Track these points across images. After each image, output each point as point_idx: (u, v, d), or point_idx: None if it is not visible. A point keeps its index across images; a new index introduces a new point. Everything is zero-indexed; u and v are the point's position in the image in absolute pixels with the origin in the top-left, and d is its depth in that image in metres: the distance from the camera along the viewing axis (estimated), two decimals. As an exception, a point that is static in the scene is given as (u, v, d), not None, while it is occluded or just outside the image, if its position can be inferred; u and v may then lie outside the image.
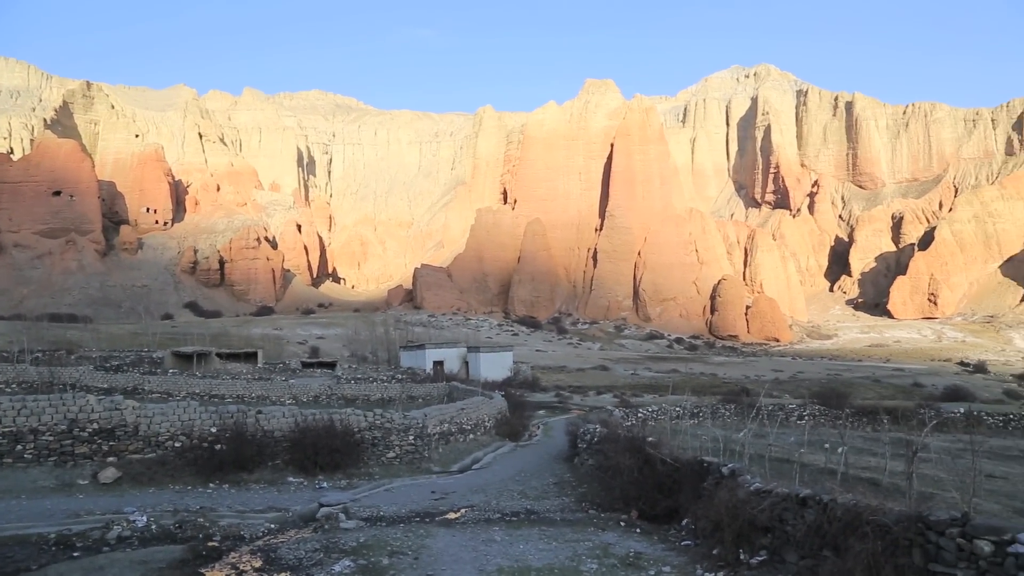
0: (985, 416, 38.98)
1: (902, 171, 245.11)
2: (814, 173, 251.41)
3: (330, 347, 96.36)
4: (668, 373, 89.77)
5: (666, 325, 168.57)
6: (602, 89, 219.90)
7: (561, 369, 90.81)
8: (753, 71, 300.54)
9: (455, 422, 26.81)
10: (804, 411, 38.27)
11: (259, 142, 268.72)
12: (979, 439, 31.03)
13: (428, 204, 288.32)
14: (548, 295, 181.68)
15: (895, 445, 23.79)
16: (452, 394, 41.29)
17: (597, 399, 55.67)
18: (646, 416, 31.18)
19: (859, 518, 8.20)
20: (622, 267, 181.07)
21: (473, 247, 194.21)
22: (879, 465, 18.44)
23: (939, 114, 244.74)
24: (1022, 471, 21.16)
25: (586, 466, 20.51)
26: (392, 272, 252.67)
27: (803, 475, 13.14)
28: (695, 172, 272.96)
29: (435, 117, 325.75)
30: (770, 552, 10.10)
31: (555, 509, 16.12)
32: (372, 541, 12.39)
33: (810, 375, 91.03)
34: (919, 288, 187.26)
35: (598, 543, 12.43)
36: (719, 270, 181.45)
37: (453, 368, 65.09)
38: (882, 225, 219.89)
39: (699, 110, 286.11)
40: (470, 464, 23.93)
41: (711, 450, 15.92)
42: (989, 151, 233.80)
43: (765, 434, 23.30)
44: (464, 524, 14.26)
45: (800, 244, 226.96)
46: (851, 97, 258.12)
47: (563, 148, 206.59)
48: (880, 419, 33.86)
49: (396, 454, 22.32)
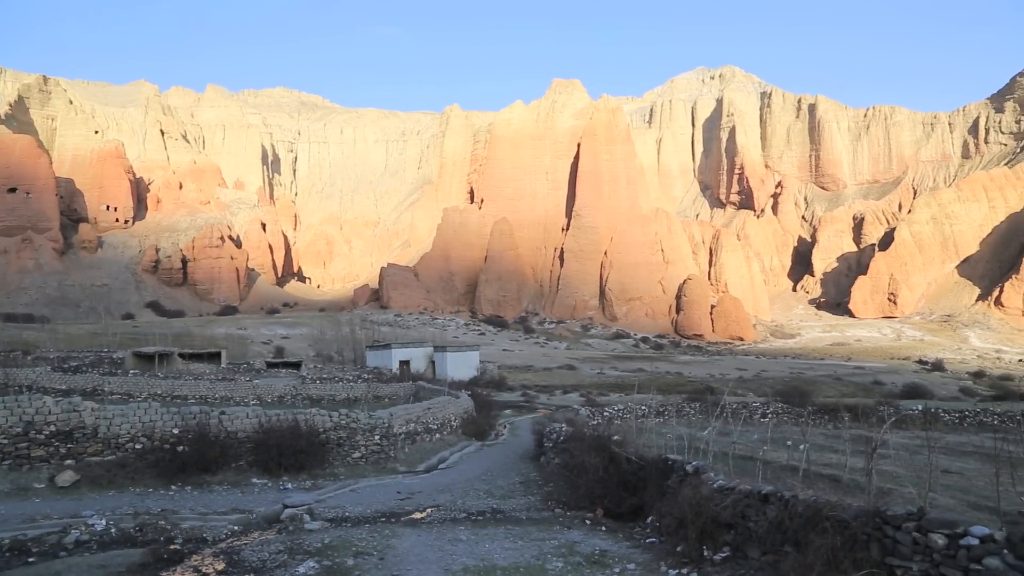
0: (942, 413, 39.86)
1: (863, 173, 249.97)
2: (778, 174, 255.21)
3: (295, 347, 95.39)
4: (634, 372, 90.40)
5: (632, 324, 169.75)
6: (569, 89, 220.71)
7: (528, 368, 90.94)
8: (718, 73, 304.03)
9: (421, 422, 26.71)
10: (767, 409, 38.77)
11: (223, 139, 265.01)
12: (936, 436, 31.77)
13: (395, 203, 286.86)
14: (515, 294, 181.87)
15: (855, 442, 24.25)
16: (418, 394, 41.11)
17: (563, 398, 55.85)
18: (612, 415, 31.36)
19: (819, 514, 8.34)
20: (588, 267, 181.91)
21: (440, 246, 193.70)
22: (840, 462, 18.78)
23: (899, 117, 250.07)
24: (976, 466, 21.65)
25: (552, 465, 20.57)
26: (358, 271, 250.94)
27: (766, 472, 13.33)
28: (661, 172, 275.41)
29: (402, 116, 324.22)
30: (733, 548, 10.22)
31: (521, 508, 16.13)
32: (337, 542, 12.29)
33: (773, 373, 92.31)
34: (879, 288, 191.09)
35: (564, 541, 12.45)
36: (684, 270, 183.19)
37: (419, 368, 64.86)
38: (844, 226, 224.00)
39: (665, 111, 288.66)
40: (436, 464, 23.86)
41: (676, 448, 16.07)
42: (946, 154, 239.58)
43: (729, 432, 23.61)
44: (430, 524, 14.20)
45: (764, 244, 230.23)
46: (814, 100, 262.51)
47: (530, 148, 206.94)
48: (841, 416, 34.49)
49: (362, 454, 22.17)
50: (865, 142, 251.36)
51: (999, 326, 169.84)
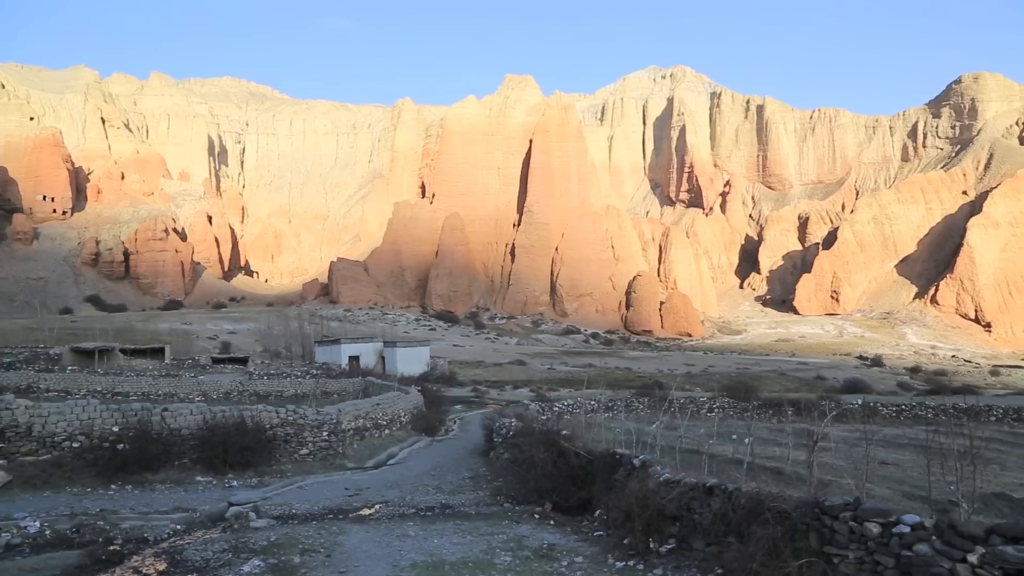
0: (880, 407, 41.13)
1: (808, 173, 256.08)
2: (726, 173, 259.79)
3: (242, 342, 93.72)
4: (584, 367, 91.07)
5: (583, 320, 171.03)
6: (522, 85, 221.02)
7: (478, 364, 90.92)
8: (670, 72, 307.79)
9: (370, 417, 26.52)
10: (714, 404, 39.46)
11: (167, 129, 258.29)
12: (873, 429, 32.73)
13: (345, 197, 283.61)
14: (466, 290, 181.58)
15: (798, 435, 24.83)
16: (368, 389, 40.83)
17: (514, 393, 56.01)
18: (562, 410, 31.55)
19: (761, 505, 8.53)
20: (539, 262, 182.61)
21: (391, 241, 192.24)
22: (783, 455, 19.25)
23: (842, 120, 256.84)
24: (911, 458, 22.39)
25: (501, 460, 20.62)
26: (307, 265, 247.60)
27: (711, 465, 13.57)
28: (612, 170, 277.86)
29: (353, 108, 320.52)
30: (678, 540, 10.39)
31: (470, 503, 16.15)
32: (283, 540, 12.12)
33: (720, 369, 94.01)
34: (823, 285, 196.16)
35: (512, 536, 12.50)
36: (634, 266, 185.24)
37: (369, 363, 64.35)
38: (789, 225, 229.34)
39: (617, 109, 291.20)
40: (385, 460, 23.72)
41: (624, 442, 16.25)
42: (887, 157, 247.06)
43: (676, 426, 23.96)
44: (378, 520, 14.11)
45: (712, 242, 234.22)
46: (762, 101, 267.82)
47: (482, 143, 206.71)
48: (785, 411, 35.28)
49: (309, 451, 21.91)
50: (810, 143, 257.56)
51: (934, 323, 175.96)
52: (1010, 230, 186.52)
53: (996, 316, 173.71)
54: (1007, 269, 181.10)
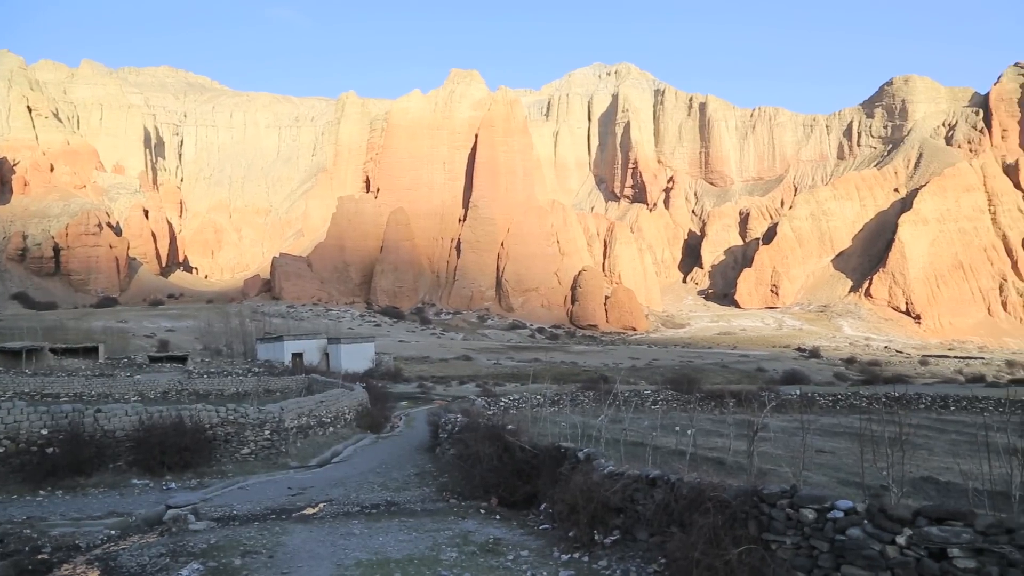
0: (818, 397, 42.29)
1: (749, 170, 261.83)
2: (670, 169, 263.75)
3: (181, 340, 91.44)
4: (530, 362, 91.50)
5: (528, 315, 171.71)
6: (467, 80, 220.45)
7: (424, 359, 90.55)
8: (615, 69, 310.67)
9: (314, 415, 26.14)
10: (658, 396, 39.96)
11: (100, 120, 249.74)
12: (811, 418, 33.65)
13: (287, 191, 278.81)
14: (411, 285, 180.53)
15: (739, 426, 25.35)
16: (311, 387, 40.28)
17: (460, 389, 55.90)
18: (508, 405, 31.57)
19: (702, 495, 8.68)
20: (485, 257, 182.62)
21: (335, 236, 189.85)
22: (725, 445, 19.60)
23: (782, 119, 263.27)
24: (847, 445, 23.02)
25: (447, 456, 20.56)
26: (249, 261, 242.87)
27: (655, 457, 13.75)
28: (557, 165, 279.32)
29: (295, 101, 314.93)
30: (622, 531, 10.50)
31: (416, 500, 16.05)
32: (224, 542, 11.84)
33: (664, 362, 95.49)
34: (763, 280, 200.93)
35: (458, 531, 12.47)
36: (580, 261, 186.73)
37: (313, 360, 63.45)
38: (731, 220, 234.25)
39: (562, 105, 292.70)
40: (329, 458, 23.40)
41: (569, 436, 16.34)
42: (824, 155, 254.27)
43: (621, 419, 24.21)
44: (322, 519, 13.91)
45: (656, 237, 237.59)
46: (704, 99, 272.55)
47: (427, 137, 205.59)
48: (726, 402, 35.96)
49: (251, 450, 21.47)
50: (751, 141, 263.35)
51: (868, 316, 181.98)
52: (938, 226, 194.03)
53: (925, 308, 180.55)
54: (935, 263, 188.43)
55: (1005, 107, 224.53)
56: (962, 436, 26.10)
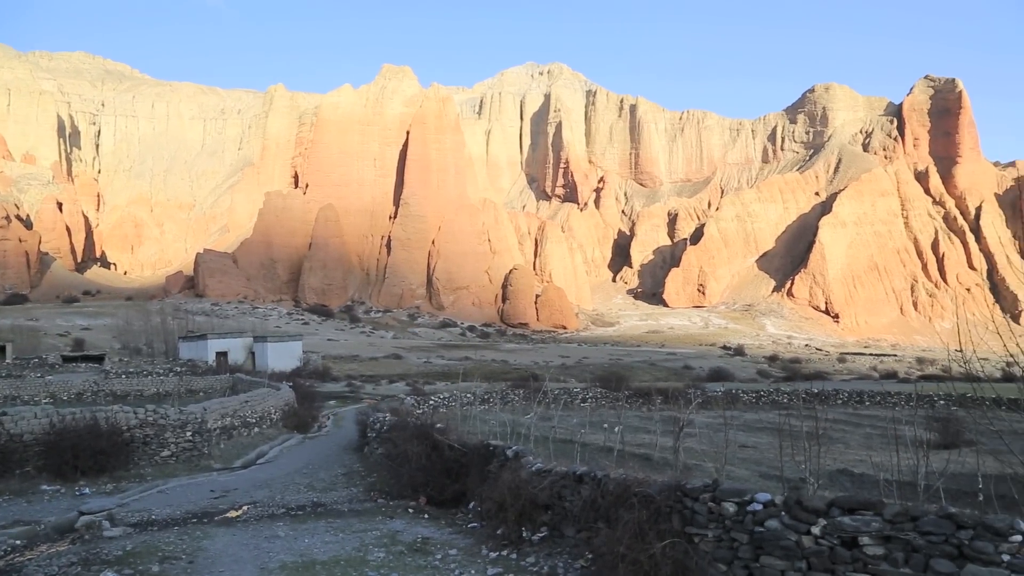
0: (742, 394, 43.61)
1: (677, 172, 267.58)
2: (600, 170, 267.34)
3: (98, 339, 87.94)
4: (461, 360, 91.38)
5: (459, 313, 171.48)
6: (399, 75, 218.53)
7: (353, 358, 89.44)
8: (547, 69, 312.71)
9: (238, 415, 25.52)
10: (587, 394, 40.50)
11: (8, 106, 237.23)
12: (734, 415, 34.66)
13: (212, 185, 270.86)
14: (340, 283, 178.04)
15: (666, 423, 25.90)
16: (236, 386, 39.39)
17: (390, 388, 55.46)
18: (438, 403, 31.50)
19: (628, 491, 8.81)
20: (416, 255, 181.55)
21: (261, 232, 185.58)
22: (652, 441, 19.99)
23: (709, 122, 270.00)
24: (769, 440, 23.81)
25: (376, 455, 20.36)
26: (171, 257, 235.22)
27: (584, 454, 13.90)
28: (489, 164, 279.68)
29: (221, 93, 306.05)
30: (550, 528, 10.58)
31: (343, 500, 15.83)
32: (141, 548, 11.42)
33: (594, 360, 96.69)
34: (690, 279, 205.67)
35: (386, 531, 12.37)
36: (511, 260, 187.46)
37: (238, 359, 61.97)
38: (659, 221, 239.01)
39: (495, 103, 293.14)
40: (254, 459, 22.90)
41: (499, 434, 16.38)
42: (749, 158, 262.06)
43: (551, 417, 24.42)
44: (246, 522, 13.58)
45: (587, 236, 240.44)
46: (635, 101, 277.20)
47: (358, 133, 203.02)
48: (654, 399, 36.70)
49: (172, 452, 20.80)
50: (680, 143, 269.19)
51: (790, 315, 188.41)
52: (855, 229, 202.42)
53: (843, 308, 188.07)
54: (852, 265, 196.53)
55: (917, 117, 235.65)
56: (876, 430, 27.28)
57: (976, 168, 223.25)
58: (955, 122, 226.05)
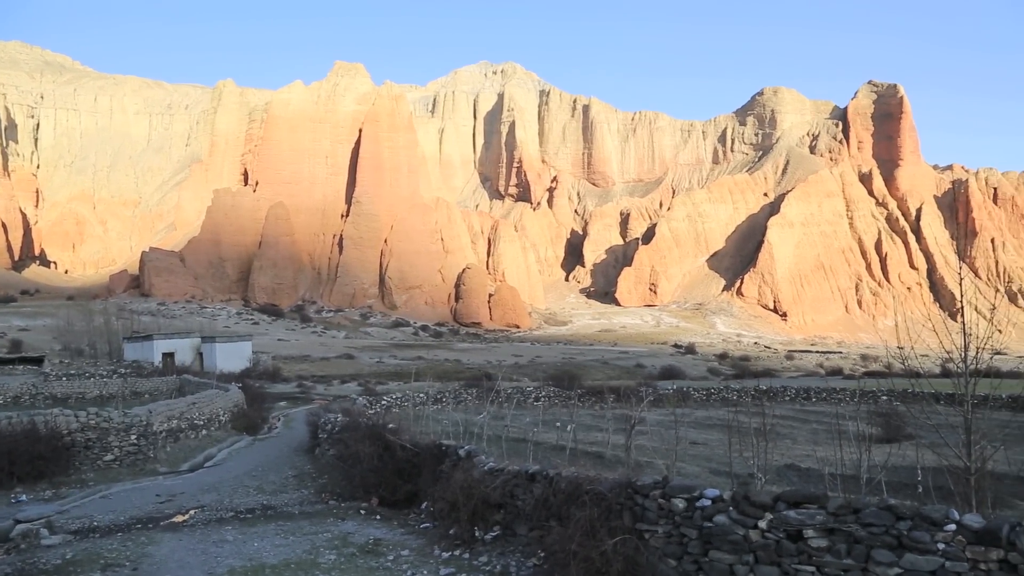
0: (692, 391, 44.23)
1: (630, 172, 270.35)
2: (553, 169, 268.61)
3: (37, 340, 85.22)
4: (413, 360, 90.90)
5: (412, 312, 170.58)
6: (352, 73, 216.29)
7: (304, 358, 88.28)
8: (501, 68, 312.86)
9: (185, 418, 24.99)
10: (540, 393, 40.62)
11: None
12: (686, 412, 35.16)
13: (159, 182, 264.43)
14: (291, 282, 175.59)
15: (618, 421, 26.13)
16: (183, 388, 38.60)
17: (341, 388, 54.90)
18: (390, 403, 31.29)
19: (580, 488, 8.88)
20: (368, 254, 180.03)
21: (210, 230, 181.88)
22: (604, 440, 20.18)
23: (661, 123, 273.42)
24: (719, 437, 24.19)
25: (327, 456, 20.13)
26: (115, 256, 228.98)
27: (536, 453, 13.96)
28: (442, 162, 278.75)
29: (168, 87, 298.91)
30: (503, 527, 10.60)
31: (294, 502, 15.62)
32: (82, 556, 11.10)
33: (547, 359, 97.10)
34: (642, 278, 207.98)
35: (337, 533, 12.26)
36: (464, 259, 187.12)
37: (186, 360, 60.68)
38: (612, 220, 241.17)
39: (448, 102, 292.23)
40: (202, 462, 22.43)
41: (451, 434, 16.35)
42: (700, 159, 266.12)
43: (503, 416, 24.44)
44: (193, 526, 13.30)
45: (540, 236, 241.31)
46: (588, 101, 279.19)
47: (309, 130, 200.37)
48: (606, 398, 36.98)
49: (115, 456, 20.25)
50: (632, 144, 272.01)
51: (740, 313, 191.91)
52: (802, 229, 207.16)
53: (791, 306, 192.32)
54: (799, 264, 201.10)
55: (861, 121, 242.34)
56: (822, 425, 27.97)
57: (917, 171, 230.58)
58: (897, 126, 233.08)
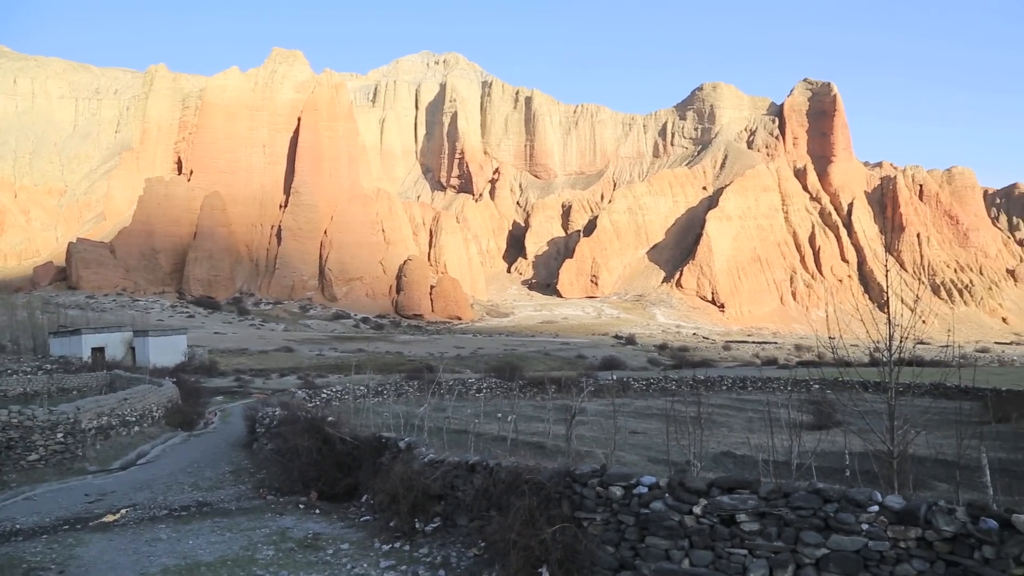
0: (633, 382, 44.92)
1: (571, 164, 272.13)
2: (496, 161, 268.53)
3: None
4: (354, 352, 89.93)
5: (353, 305, 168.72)
6: (290, 60, 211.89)
7: (242, 352, 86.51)
8: (443, 58, 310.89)
9: (116, 414, 24.23)
10: (482, 384, 40.74)
11: None
12: (625, 402, 35.68)
13: (86, 170, 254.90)
14: (228, 274, 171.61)
15: (559, 411, 26.39)
16: (114, 383, 37.44)
17: (281, 381, 54.09)
18: (330, 396, 30.97)
19: (519, 478, 8.95)
20: (308, 245, 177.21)
21: (142, 220, 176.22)
22: (545, 430, 20.34)
23: (603, 116, 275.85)
24: (658, 426, 24.60)
25: (265, 451, 19.79)
26: (39, 247, 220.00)
27: (478, 444, 13.99)
28: (383, 153, 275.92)
29: (95, 71, 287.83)
30: (443, 518, 10.61)
31: (230, 498, 15.33)
32: (2, 560, 10.67)
33: (489, 351, 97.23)
34: (583, 270, 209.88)
35: (275, 528, 12.09)
36: (405, 250, 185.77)
37: (117, 355, 58.88)
38: (554, 212, 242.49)
39: (389, 91, 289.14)
40: (135, 459, 21.82)
41: (392, 426, 16.25)
42: (641, 152, 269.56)
43: (445, 408, 24.43)
44: (124, 526, 12.92)
45: (482, 227, 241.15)
46: (530, 93, 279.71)
47: (246, 118, 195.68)
48: (548, 388, 37.27)
49: (40, 456, 19.51)
50: (574, 136, 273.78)
51: (679, 304, 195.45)
52: (740, 222, 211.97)
53: (729, 297, 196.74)
54: (737, 257, 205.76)
55: (796, 117, 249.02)
56: (757, 413, 28.72)
57: (848, 167, 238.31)
58: (830, 123, 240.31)
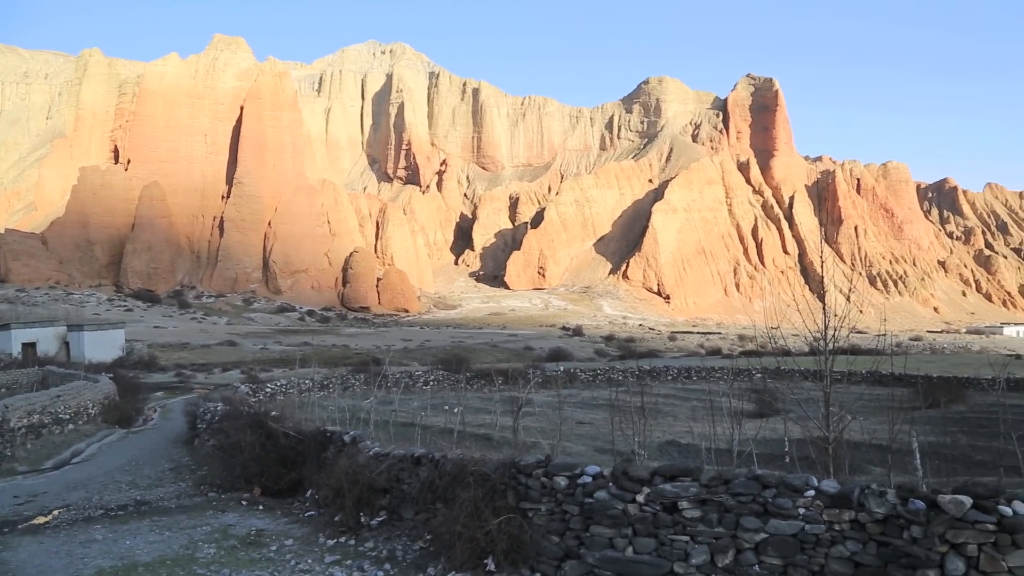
0: (579, 373, 45.31)
1: (519, 156, 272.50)
2: (443, 152, 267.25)
3: None
4: (299, 346, 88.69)
5: (298, 297, 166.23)
6: (232, 47, 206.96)
7: (184, 346, 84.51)
8: (390, 48, 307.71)
9: (49, 412, 23.46)
10: (429, 377, 40.60)
11: None
12: (572, 393, 35.96)
13: (15, 158, 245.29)
14: (168, 266, 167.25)
15: (506, 403, 26.44)
16: (47, 380, 36.19)
17: (223, 376, 53.02)
18: (274, 391, 30.48)
19: (465, 470, 8.95)
20: (251, 237, 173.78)
21: (76, 210, 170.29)
22: (492, 422, 20.37)
23: (550, 108, 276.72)
24: (604, 416, 24.82)
25: (206, 447, 19.39)
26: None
27: (425, 437, 13.91)
28: (329, 143, 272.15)
29: (23, 53, 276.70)
30: (389, 512, 10.54)
31: (170, 496, 14.96)
32: (-79, 571, 10.22)
33: (436, 343, 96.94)
34: (531, 262, 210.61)
35: (217, 526, 11.85)
36: (351, 242, 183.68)
37: (50, 350, 57.04)
38: (501, 204, 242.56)
39: (335, 81, 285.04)
40: (69, 458, 21.16)
41: (338, 420, 16.08)
42: (588, 145, 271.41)
43: (391, 401, 24.27)
44: (56, 527, 12.50)
45: (429, 219, 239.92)
46: (478, 84, 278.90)
47: (187, 106, 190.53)
48: (495, 380, 37.33)
49: (-34, 455, 18.79)
50: (521, 128, 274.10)
51: (626, 296, 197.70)
52: (685, 215, 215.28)
53: (674, 289, 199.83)
54: (682, 249, 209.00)
55: (739, 112, 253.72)
56: (701, 403, 29.19)
57: (790, 161, 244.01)
58: (772, 118, 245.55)
